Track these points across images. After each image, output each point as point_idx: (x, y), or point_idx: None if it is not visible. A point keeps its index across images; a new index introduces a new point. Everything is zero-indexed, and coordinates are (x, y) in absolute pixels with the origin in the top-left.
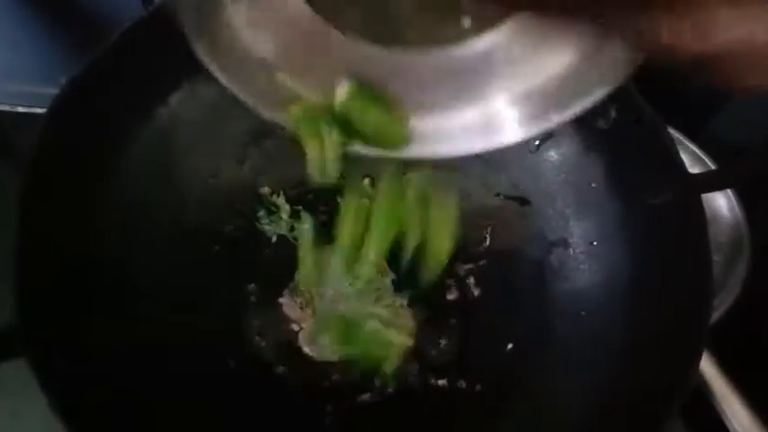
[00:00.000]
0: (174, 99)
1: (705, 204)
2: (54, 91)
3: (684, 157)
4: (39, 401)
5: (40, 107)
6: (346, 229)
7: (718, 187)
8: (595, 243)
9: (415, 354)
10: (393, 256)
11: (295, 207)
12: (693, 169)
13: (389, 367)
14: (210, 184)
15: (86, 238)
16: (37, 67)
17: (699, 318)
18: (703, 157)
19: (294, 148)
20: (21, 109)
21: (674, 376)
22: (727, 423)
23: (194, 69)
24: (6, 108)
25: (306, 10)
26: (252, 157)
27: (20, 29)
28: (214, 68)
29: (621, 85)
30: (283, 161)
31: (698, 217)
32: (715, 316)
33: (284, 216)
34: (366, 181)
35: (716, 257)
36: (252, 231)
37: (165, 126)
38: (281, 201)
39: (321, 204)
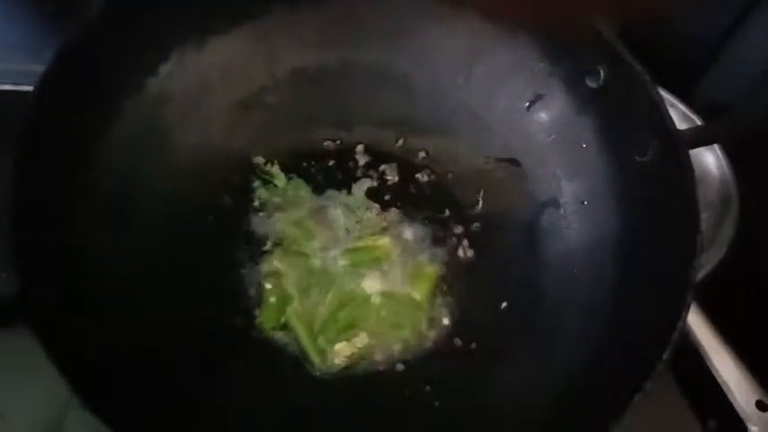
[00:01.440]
0: (164, 70)
1: (694, 162)
2: (41, 68)
3: (673, 115)
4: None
5: (28, 85)
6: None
7: (706, 142)
8: (586, 202)
9: None
10: None
11: (289, 175)
12: (681, 127)
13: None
14: (203, 154)
15: (80, 210)
16: (24, 43)
17: (686, 271)
18: (691, 116)
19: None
20: (7, 87)
21: (662, 328)
22: (715, 375)
23: (182, 40)
24: None
25: None
26: (243, 127)
27: (3, 5)
28: None
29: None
30: (274, 130)
31: (686, 173)
32: (703, 272)
33: (280, 185)
34: None
35: (705, 214)
36: (247, 201)
37: (156, 97)
38: (275, 169)
39: (315, 171)
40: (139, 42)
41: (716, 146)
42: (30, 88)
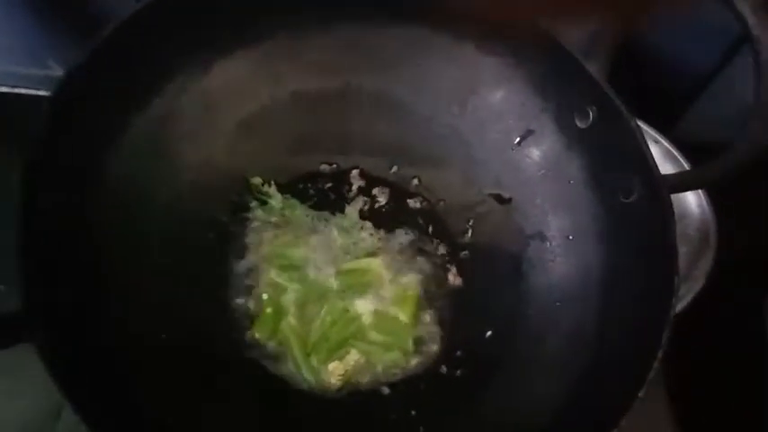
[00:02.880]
0: (169, 90)
1: (675, 199)
2: (39, 72)
3: (655, 152)
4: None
5: (26, 88)
6: None
7: (688, 188)
8: (571, 237)
9: None
10: None
11: (285, 196)
12: (664, 164)
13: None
14: (205, 172)
15: (86, 222)
16: (23, 48)
17: (663, 312)
18: (674, 152)
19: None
20: (4, 89)
21: (639, 365)
22: None
23: (188, 62)
24: None
25: None
26: (243, 146)
27: (5, 11)
28: None
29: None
30: (273, 151)
31: (667, 218)
32: (680, 305)
33: (276, 205)
34: None
35: (684, 248)
36: (244, 220)
37: (161, 116)
38: (272, 190)
39: (311, 192)
40: (146, 63)
41: None
42: (28, 91)
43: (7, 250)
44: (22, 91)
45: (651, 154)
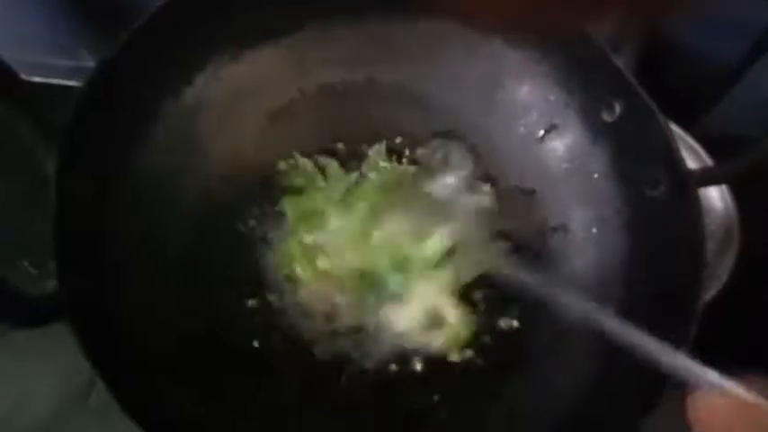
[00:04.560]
0: (199, 80)
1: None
2: (69, 63)
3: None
4: None
5: (56, 78)
6: None
7: (715, 183)
8: (595, 230)
9: None
10: None
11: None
12: (687, 160)
13: None
14: (233, 162)
15: (119, 208)
16: (53, 39)
17: (690, 308)
18: (698, 149)
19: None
20: (35, 79)
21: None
22: None
23: (218, 53)
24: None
25: None
26: (271, 137)
27: (36, 2)
28: None
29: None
30: (299, 141)
31: (695, 211)
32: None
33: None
34: None
35: (707, 244)
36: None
37: (191, 105)
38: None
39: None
40: (177, 53)
41: None
42: (58, 81)
43: (39, 236)
44: (53, 81)
45: (678, 148)
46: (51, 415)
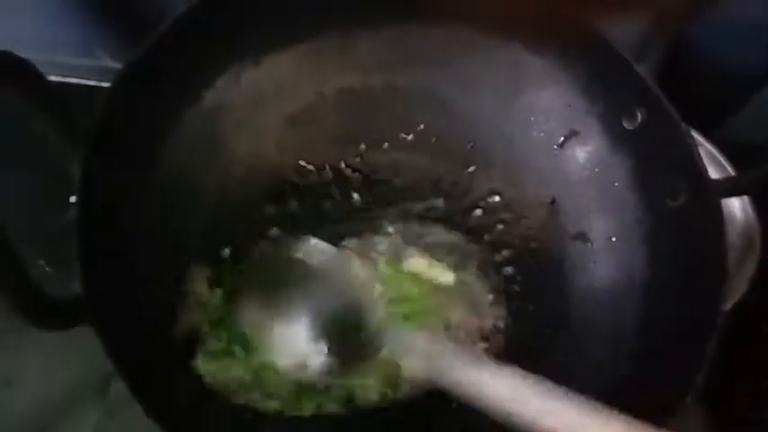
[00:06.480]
0: (220, 83)
1: None
2: (88, 62)
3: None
4: None
5: (75, 77)
6: None
7: (738, 193)
8: (614, 239)
9: None
10: None
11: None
12: (708, 168)
13: None
14: (252, 164)
15: (142, 208)
16: (72, 38)
17: (711, 318)
18: (718, 157)
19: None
20: (54, 79)
21: (686, 369)
22: None
23: (239, 57)
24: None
25: None
26: (290, 140)
27: (54, 3)
28: None
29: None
30: (317, 145)
31: (717, 221)
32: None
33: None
34: None
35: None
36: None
37: (212, 107)
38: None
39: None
40: (199, 57)
41: None
42: (77, 81)
43: (58, 237)
44: (72, 80)
45: (701, 157)
46: (66, 413)
